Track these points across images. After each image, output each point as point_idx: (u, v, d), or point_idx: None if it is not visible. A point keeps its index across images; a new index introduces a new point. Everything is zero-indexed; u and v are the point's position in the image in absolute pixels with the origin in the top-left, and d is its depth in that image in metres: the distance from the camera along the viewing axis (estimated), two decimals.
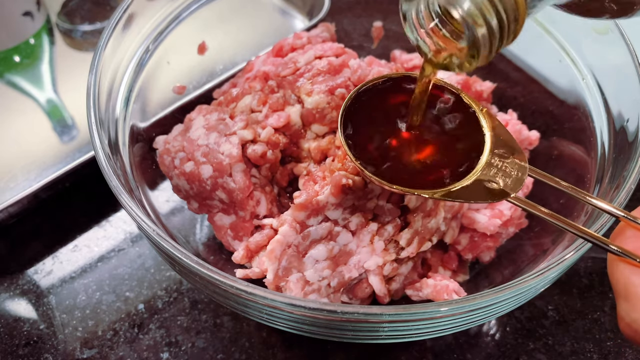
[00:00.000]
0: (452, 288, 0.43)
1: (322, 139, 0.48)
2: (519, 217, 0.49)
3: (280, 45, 0.53)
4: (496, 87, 0.56)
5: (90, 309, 0.50)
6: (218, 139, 0.46)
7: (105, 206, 0.57)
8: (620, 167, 0.41)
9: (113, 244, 0.55)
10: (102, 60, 0.44)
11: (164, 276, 0.52)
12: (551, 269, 0.36)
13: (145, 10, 0.50)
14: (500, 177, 0.33)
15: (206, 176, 0.45)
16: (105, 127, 0.44)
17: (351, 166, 0.42)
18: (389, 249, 0.44)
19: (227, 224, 0.47)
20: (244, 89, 0.50)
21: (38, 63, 0.68)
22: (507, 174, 0.33)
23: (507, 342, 0.49)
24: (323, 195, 0.42)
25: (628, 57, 0.43)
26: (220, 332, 0.49)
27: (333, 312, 0.33)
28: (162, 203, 0.49)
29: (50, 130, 0.61)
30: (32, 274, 0.53)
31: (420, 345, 0.48)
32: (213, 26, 0.59)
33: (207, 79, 0.60)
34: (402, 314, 0.33)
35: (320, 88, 0.47)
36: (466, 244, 0.48)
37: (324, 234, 0.43)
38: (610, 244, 0.30)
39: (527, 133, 0.52)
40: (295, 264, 0.43)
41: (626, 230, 0.31)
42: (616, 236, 0.32)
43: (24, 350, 0.48)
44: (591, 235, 0.32)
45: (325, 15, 0.65)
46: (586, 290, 0.52)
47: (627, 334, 0.29)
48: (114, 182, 0.38)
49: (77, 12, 0.73)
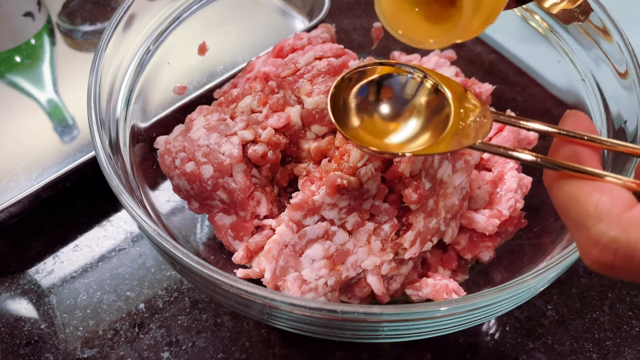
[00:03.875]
0: (452, 288, 0.43)
1: (321, 140, 0.48)
2: (518, 217, 0.49)
3: (280, 46, 0.53)
4: (495, 88, 0.56)
5: (91, 309, 0.50)
6: (219, 139, 0.46)
7: (106, 206, 0.57)
8: (619, 167, 0.41)
9: (114, 244, 0.55)
10: (102, 60, 0.44)
11: (164, 276, 0.52)
12: (550, 269, 0.36)
13: (146, 11, 0.50)
14: (469, 128, 0.35)
15: (207, 176, 0.45)
16: (106, 127, 0.44)
17: (347, 166, 0.42)
18: (387, 248, 0.44)
19: (228, 224, 0.47)
20: (245, 90, 0.50)
21: (39, 63, 0.68)
22: (476, 123, 0.35)
23: (507, 342, 0.49)
24: (319, 195, 0.42)
25: (628, 57, 0.43)
26: (221, 331, 0.49)
27: (333, 312, 0.33)
28: (162, 203, 0.50)
29: (51, 131, 0.61)
30: (33, 273, 0.53)
31: (420, 345, 0.49)
32: (214, 27, 0.59)
33: (207, 80, 0.60)
34: (401, 314, 0.34)
35: (320, 89, 0.47)
36: (465, 244, 0.49)
37: (320, 234, 0.43)
38: (582, 168, 0.28)
39: (526, 133, 0.53)
40: (292, 264, 0.43)
41: (560, 148, 0.30)
42: (555, 154, 0.30)
43: (24, 350, 0.48)
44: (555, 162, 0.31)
45: (325, 15, 0.65)
46: (585, 290, 0.52)
47: (604, 261, 0.26)
48: (115, 182, 0.38)
49: (78, 13, 0.73)
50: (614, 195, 0.26)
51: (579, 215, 0.27)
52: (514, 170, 0.49)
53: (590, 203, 0.26)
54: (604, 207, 0.26)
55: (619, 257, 0.25)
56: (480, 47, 0.65)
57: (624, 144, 0.31)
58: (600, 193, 0.27)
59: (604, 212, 0.26)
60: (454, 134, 0.35)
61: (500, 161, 0.51)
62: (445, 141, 0.35)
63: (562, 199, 0.28)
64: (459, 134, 0.35)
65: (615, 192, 0.27)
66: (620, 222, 0.25)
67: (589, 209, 0.26)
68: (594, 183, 0.27)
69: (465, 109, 0.36)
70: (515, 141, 0.52)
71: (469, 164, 0.46)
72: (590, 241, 0.26)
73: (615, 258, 0.25)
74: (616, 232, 0.25)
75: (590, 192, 0.27)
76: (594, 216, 0.26)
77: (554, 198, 0.29)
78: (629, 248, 0.24)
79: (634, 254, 0.24)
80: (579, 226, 0.27)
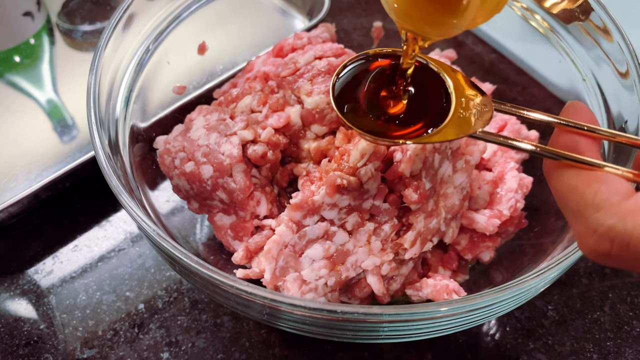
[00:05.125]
0: (452, 288, 0.43)
1: (321, 140, 0.48)
2: (518, 218, 0.49)
3: (280, 46, 0.53)
4: (496, 88, 0.56)
5: (90, 309, 0.50)
6: (218, 139, 0.46)
7: (105, 206, 0.57)
8: (621, 159, 0.41)
9: (113, 244, 0.55)
10: (102, 60, 0.44)
11: (164, 276, 0.52)
12: (551, 269, 0.36)
13: (145, 10, 0.50)
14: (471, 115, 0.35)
15: (206, 176, 0.45)
16: (106, 127, 0.44)
17: (347, 166, 0.42)
18: (387, 249, 0.44)
19: (228, 224, 0.47)
20: (244, 89, 0.50)
21: (38, 63, 0.68)
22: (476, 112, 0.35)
23: (507, 342, 0.49)
24: (319, 195, 0.42)
25: (628, 56, 0.43)
26: (220, 331, 0.49)
27: (333, 312, 0.33)
28: (162, 203, 0.49)
29: (51, 130, 0.61)
30: (33, 273, 0.53)
31: (420, 345, 0.48)
32: (213, 26, 0.59)
33: (207, 79, 0.60)
34: (401, 314, 0.33)
35: (320, 88, 0.47)
36: (465, 244, 0.49)
37: (320, 234, 0.43)
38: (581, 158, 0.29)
39: (527, 133, 0.53)
40: (292, 264, 0.43)
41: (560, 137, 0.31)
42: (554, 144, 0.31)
43: (24, 350, 0.48)
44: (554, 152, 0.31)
45: (325, 15, 0.65)
46: (586, 290, 0.52)
47: (600, 249, 0.26)
48: (114, 182, 0.38)
49: (77, 12, 0.73)
50: (611, 185, 0.27)
51: (577, 204, 0.27)
52: (514, 170, 0.49)
53: (589, 192, 0.27)
54: (602, 197, 0.26)
55: (615, 245, 0.25)
56: (480, 47, 0.65)
57: (623, 135, 0.31)
58: (598, 183, 0.27)
59: (602, 201, 0.26)
60: (455, 123, 0.35)
61: (500, 161, 0.50)
62: (446, 130, 0.35)
63: (561, 188, 0.28)
64: (460, 123, 0.35)
65: (613, 182, 0.27)
66: (617, 211, 0.25)
67: (587, 198, 0.27)
68: (592, 173, 0.28)
69: (466, 98, 0.36)
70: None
71: (470, 164, 0.46)
72: (588, 230, 0.26)
73: (612, 247, 0.25)
74: (613, 221, 0.25)
75: (588, 182, 0.27)
76: (591, 205, 0.26)
77: (552, 187, 0.29)
78: (626, 236, 0.25)
79: (630, 242, 0.25)
80: (577, 215, 0.27)
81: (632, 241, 0.25)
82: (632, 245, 0.25)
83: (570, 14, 0.49)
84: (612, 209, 0.25)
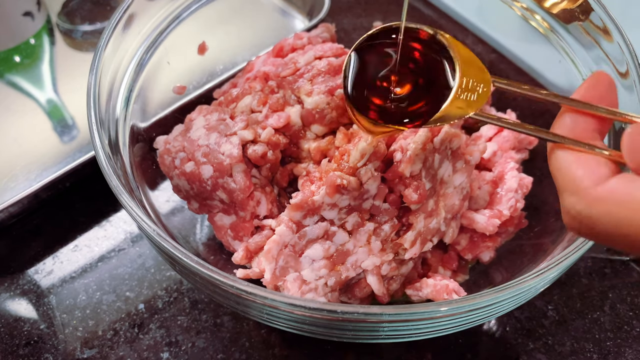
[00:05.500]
0: (452, 288, 0.43)
1: (321, 140, 0.48)
2: (518, 217, 0.49)
3: (280, 46, 0.53)
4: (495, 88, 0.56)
5: (90, 309, 0.50)
6: (218, 139, 0.46)
7: (105, 206, 0.57)
8: None
9: (113, 244, 0.55)
10: (102, 60, 0.44)
11: (164, 276, 0.52)
12: (551, 269, 0.36)
13: (145, 11, 0.50)
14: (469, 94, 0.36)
15: (207, 176, 0.45)
16: (106, 127, 0.44)
17: (347, 166, 0.42)
18: (387, 249, 0.44)
19: (228, 224, 0.47)
20: (244, 89, 0.50)
21: (38, 63, 0.68)
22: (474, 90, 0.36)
23: (507, 342, 0.49)
24: (319, 195, 0.42)
25: (628, 57, 0.43)
26: (220, 331, 0.49)
27: (333, 312, 0.33)
28: (162, 203, 0.49)
29: (51, 130, 0.61)
30: (33, 273, 0.53)
31: (420, 345, 0.49)
32: (213, 26, 0.59)
33: (207, 79, 0.60)
34: (401, 314, 0.34)
35: (320, 88, 0.47)
36: (465, 244, 0.49)
37: (320, 234, 0.43)
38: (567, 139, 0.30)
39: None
40: (292, 264, 0.43)
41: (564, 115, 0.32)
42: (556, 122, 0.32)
43: (24, 350, 0.48)
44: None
45: (325, 15, 0.65)
46: (586, 290, 0.52)
47: (571, 227, 0.29)
48: (114, 182, 0.38)
49: (77, 13, 0.73)
50: (587, 170, 0.28)
51: (559, 185, 0.30)
52: (514, 170, 0.49)
53: (568, 175, 0.29)
54: (577, 181, 0.28)
55: (583, 227, 0.28)
56: (480, 47, 0.65)
57: (623, 112, 0.31)
58: (577, 166, 0.29)
59: (576, 186, 0.28)
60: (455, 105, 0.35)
61: (500, 161, 0.50)
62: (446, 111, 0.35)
63: (551, 167, 0.31)
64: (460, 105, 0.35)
65: (590, 166, 0.29)
66: (586, 197, 0.28)
67: (566, 181, 0.29)
68: (576, 155, 0.29)
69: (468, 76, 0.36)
70: (515, 141, 0.52)
71: (470, 164, 0.46)
72: (564, 209, 0.29)
73: (580, 227, 0.29)
74: (581, 207, 0.28)
75: (569, 165, 0.29)
76: (567, 189, 0.29)
77: (549, 165, 0.31)
78: (590, 222, 0.28)
79: (594, 227, 0.27)
80: (560, 193, 0.30)
81: (596, 227, 0.27)
82: (595, 229, 0.28)
83: (570, 14, 0.49)
84: (581, 194, 0.28)
